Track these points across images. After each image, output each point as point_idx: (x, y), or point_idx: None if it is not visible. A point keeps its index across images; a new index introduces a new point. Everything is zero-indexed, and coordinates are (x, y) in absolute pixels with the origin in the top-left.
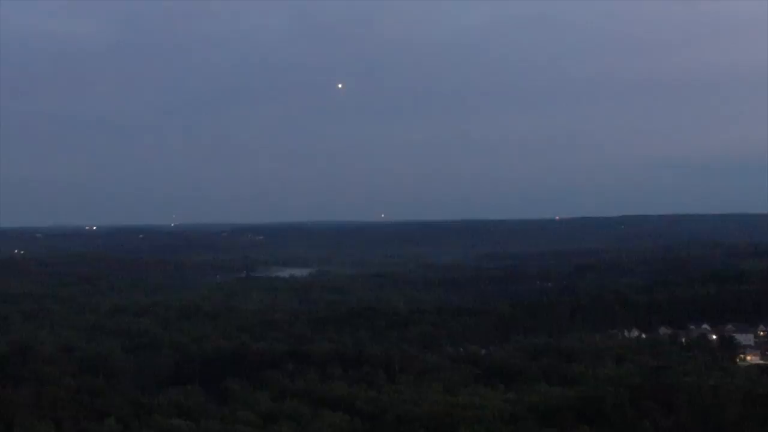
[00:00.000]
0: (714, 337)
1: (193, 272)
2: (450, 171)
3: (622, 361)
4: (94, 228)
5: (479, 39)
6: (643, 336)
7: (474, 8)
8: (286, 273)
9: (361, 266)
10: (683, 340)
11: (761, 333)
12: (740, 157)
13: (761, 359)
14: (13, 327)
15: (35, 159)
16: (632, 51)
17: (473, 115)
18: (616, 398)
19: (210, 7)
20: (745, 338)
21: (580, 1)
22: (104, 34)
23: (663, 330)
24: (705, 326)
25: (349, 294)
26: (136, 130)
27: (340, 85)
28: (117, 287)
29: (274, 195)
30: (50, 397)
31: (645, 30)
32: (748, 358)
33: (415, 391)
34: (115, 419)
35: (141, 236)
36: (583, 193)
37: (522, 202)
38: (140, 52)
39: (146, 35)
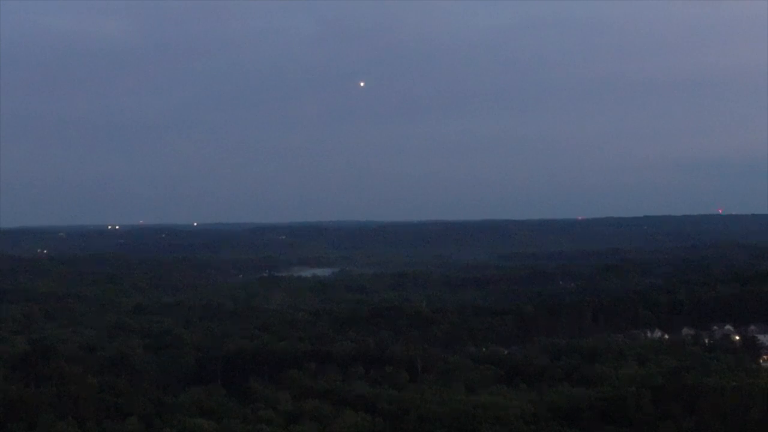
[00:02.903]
0: (737, 337)
1: (215, 272)
2: (472, 171)
3: (644, 362)
4: (117, 227)
5: (501, 40)
6: (666, 336)
7: (495, 9)
8: (308, 272)
9: (383, 266)
10: (706, 340)
11: None
12: (764, 157)
13: None
14: (36, 326)
15: (58, 159)
16: (651, 51)
17: (497, 116)
18: (639, 399)
19: (233, 7)
20: None
21: (597, 3)
22: (127, 34)
23: (685, 330)
24: (728, 327)
25: (371, 293)
26: (158, 130)
27: (361, 83)
28: (139, 286)
29: (297, 195)
30: (72, 396)
31: (663, 30)
32: None
33: (437, 391)
34: (136, 418)
35: (163, 235)
36: (605, 193)
37: (544, 202)
38: (164, 52)
39: (169, 35)
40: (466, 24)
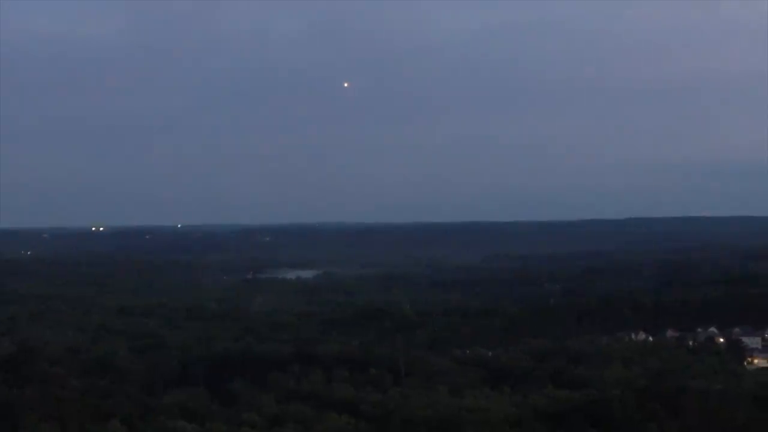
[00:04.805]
0: (721, 340)
1: (200, 273)
2: (459, 172)
3: (629, 364)
4: (101, 229)
5: (486, 43)
6: (650, 339)
7: (479, 12)
8: (293, 274)
9: (368, 267)
10: (690, 343)
11: None
12: (749, 160)
13: None
14: (20, 327)
15: (42, 160)
16: (637, 54)
17: (483, 118)
18: (623, 401)
19: (222, 9)
20: (752, 341)
21: (584, 5)
22: (114, 36)
23: (670, 333)
24: (712, 329)
25: (357, 295)
26: (143, 132)
27: (346, 84)
28: (124, 288)
29: (282, 196)
30: (55, 398)
31: (650, 33)
32: (756, 361)
33: (421, 393)
34: (119, 420)
35: (148, 237)
36: (591, 195)
37: (530, 204)
38: (151, 54)
39: (157, 37)
40: (452, 27)
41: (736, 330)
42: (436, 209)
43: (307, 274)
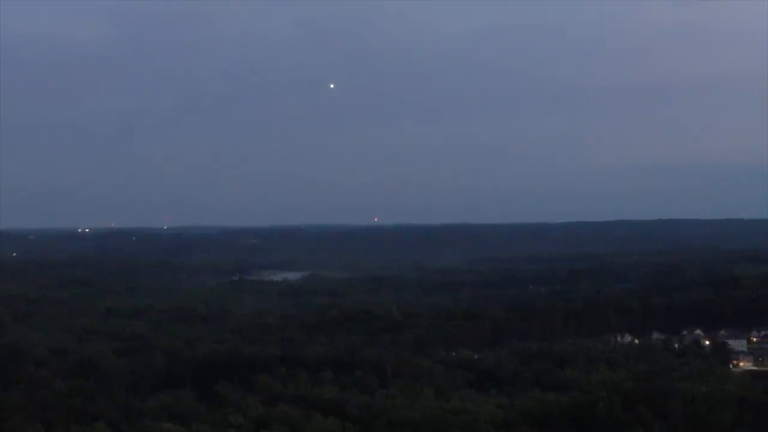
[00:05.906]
0: (707, 342)
1: (186, 275)
2: (446, 175)
3: (615, 367)
4: (87, 230)
5: (477, 44)
6: (636, 341)
7: (467, 14)
8: (279, 276)
9: (355, 270)
10: (676, 345)
11: (754, 339)
12: (738, 163)
13: (754, 365)
14: (5, 329)
15: (28, 161)
16: (629, 55)
17: (470, 120)
18: (609, 404)
19: (211, 10)
20: (738, 344)
21: (574, 6)
22: (102, 38)
23: (656, 335)
24: (698, 332)
25: (343, 298)
26: (131, 133)
27: (332, 85)
28: (110, 290)
29: (269, 198)
30: (41, 400)
31: (642, 34)
32: (741, 364)
33: (407, 396)
34: (105, 423)
35: (134, 238)
36: (578, 197)
37: (517, 206)
38: (139, 56)
39: (145, 39)
40: (438, 28)
41: (722, 333)
42: (422, 211)
43: (293, 276)
